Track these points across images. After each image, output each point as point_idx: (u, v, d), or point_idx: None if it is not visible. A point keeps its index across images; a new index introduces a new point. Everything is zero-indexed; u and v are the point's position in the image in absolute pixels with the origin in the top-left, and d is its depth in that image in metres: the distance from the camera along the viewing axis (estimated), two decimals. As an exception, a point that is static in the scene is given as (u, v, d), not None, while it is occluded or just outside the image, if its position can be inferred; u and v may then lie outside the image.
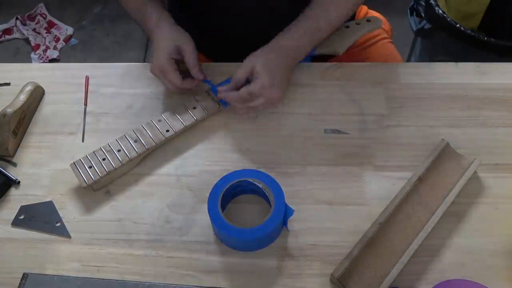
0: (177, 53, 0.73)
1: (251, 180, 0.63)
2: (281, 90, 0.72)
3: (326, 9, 0.75)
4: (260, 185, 0.63)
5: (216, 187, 0.63)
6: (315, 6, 0.75)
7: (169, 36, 0.73)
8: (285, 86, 0.74)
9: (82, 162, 0.68)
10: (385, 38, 0.95)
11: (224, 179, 0.63)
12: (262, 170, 0.69)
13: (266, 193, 0.63)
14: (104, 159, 0.68)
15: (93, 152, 0.69)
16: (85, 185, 0.66)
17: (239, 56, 0.76)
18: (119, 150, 0.69)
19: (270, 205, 0.62)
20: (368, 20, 0.83)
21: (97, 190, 0.69)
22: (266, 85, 0.69)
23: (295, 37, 0.74)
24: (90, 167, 0.68)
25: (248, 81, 0.72)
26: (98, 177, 0.67)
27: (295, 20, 0.75)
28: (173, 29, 0.75)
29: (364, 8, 0.98)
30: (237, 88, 0.72)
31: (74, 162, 0.68)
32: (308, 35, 0.74)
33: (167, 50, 0.72)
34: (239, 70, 0.72)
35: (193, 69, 0.74)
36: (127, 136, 0.71)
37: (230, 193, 0.64)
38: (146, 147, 0.70)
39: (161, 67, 0.73)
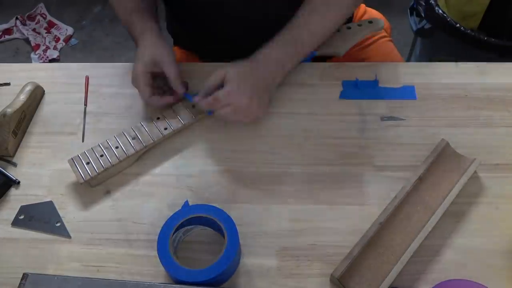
0: (154, 65, 0.71)
1: (205, 216, 0.61)
2: (251, 98, 0.68)
3: (309, 21, 0.73)
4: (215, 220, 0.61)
5: (166, 226, 0.60)
6: (297, 18, 0.73)
7: (148, 48, 0.72)
8: (261, 98, 0.70)
9: (80, 158, 0.68)
10: (384, 36, 0.95)
11: (176, 216, 0.61)
12: (261, 170, 0.70)
13: (220, 226, 0.60)
14: (102, 156, 0.68)
15: (91, 148, 0.69)
16: (82, 181, 0.66)
17: (231, 56, 0.76)
18: (117, 147, 0.69)
19: (223, 235, 0.60)
20: (370, 22, 0.83)
21: (94, 186, 0.69)
22: (233, 91, 0.67)
23: (276, 50, 0.71)
24: (87, 163, 0.68)
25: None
26: (96, 173, 0.67)
27: (278, 33, 0.73)
28: (155, 41, 0.72)
29: (363, 7, 0.98)
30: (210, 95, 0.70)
31: (72, 158, 0.68)
32: (290, 47, 0.72)
33: (143, 61, 0.71)
34: (211, 76, 0.70)
35: (173, 81, 0.72)
36: (125, 133, 0.71)
37: (183, 226, 0.62)
38: (144, 144, 0.70)
39: (134, 78, 0.72)
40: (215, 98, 0.68)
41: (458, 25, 1.22)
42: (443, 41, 1.31)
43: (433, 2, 1.28)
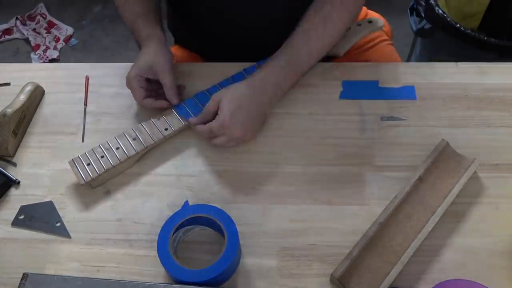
0: (149, 71, 0.72)
1: (205, 216, 0.61)
2: (244, 129, 0.68)
3: (307, 40, 0.72)
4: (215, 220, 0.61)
5: (166, 226, 0.60)
6: (295, 36, 0.72)
7: (148, 55, 0.72)
8: (255, 125, 0.70)
9: (80, 159, 0.68)
10: (385, 40, 0.95)
11: (175, 216, 0.61)
12: (261, 170, 0.70)
13: (220, 226, 0.60)
14: (102, 157, 0.68)
15: (92, 149, 0.69)
16: (83, 182, 0.66)
17: (233, 56, 0.76)
18: (117, 148, 0.69)
19: (223, 235, 0.60)
20: (370, 22, 0.83)
21: (95, 187, 0.69)
22: (226, 123, 0.66)
23: (275, 73, 0.70)
24: (88, 164, 0.68)
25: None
26: (96, 174, 0.67)
27: (276, 52, 0.72)
28: (157, 49, 0.72)
29: (364, 9, 0.98)
30: (207, 120, 0.70)
31: (72, 159, 0.68)
32: (288, 68, 0.71)
33: (138, 66, 0.71)
34: (209, 103, 0.70)
35: (168, 90, 0.72)
36: (125, 134, 0.71)
37: (183, 226, 0.62)
38: (145, 145, 0.70)
39: (128, 80, 0.72)
40: (210, 129, 0.68)
41: (458, 25, 1.22)
42: (443, 41, 1.31)
43: (433, 2, 1.28)
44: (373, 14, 0.98)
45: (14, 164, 0.72)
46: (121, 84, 0.81)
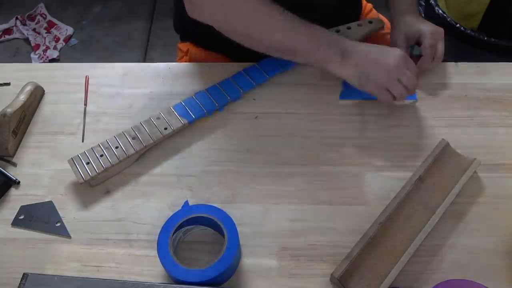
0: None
1: (205, 216, 0.61)
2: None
3: None
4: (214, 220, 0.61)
5: (166, 226, 0.60)
6: None
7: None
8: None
9: (80, 158, 0.68)
10: (388, 33, 0.94)
11: (175, 216, 0.61)
12: (261, 170, 0.70)
13: (220, 226, 0.60)
14: (101, 156, 0.68)
15: (91, 148, 0.69)
16: (82, 181, 0.66)
17: (256, 57, 0.75)
18: (117, 147, 0.69)
19: (223, 235, 0.60)
20: (370, 22, 0.83)
21: (94, 186, 0.69)
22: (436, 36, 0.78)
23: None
24: (87, 163, 0.68)
25: None
26: (95, 173, 0.67)
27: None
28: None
29: (369, 6, 0.98)
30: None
31: (72, 158, 0.68)
32: None
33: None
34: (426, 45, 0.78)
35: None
36: (125, 133, 0.71)
37: (183, 226, 0.62)
38: (144, 144, 0.70)
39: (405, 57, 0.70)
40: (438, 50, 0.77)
41: (458, 25, 1.22)
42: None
43: (433, 2, 1.28)
44: (374, 14, 0.98)
45: (14, 164, 0.72)
46: (121, 84, 0.81)
